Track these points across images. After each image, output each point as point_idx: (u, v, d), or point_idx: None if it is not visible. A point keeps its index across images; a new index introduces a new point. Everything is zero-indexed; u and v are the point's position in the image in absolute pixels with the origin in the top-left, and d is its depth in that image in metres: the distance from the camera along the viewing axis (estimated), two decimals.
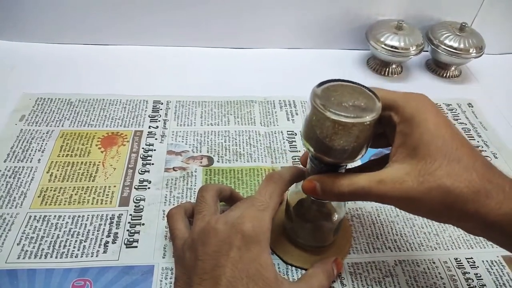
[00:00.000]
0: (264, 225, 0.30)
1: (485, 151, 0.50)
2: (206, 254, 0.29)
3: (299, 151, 0.48)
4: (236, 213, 0.31)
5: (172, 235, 0.35)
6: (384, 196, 0.28)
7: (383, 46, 0.58)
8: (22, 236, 0.37)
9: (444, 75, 0.63)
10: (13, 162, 0.43)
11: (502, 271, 0.38)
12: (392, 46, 0.58)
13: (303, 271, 0.36)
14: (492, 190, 0.26)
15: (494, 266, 0.38)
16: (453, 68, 0.63)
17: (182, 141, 0.48)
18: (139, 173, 0.44)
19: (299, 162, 0.46)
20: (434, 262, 0.38)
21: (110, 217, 0.39)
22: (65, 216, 0.39)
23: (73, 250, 0.36)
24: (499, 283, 0.37)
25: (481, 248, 0.39)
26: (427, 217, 0.30)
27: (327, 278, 0.33)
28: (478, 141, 0.52)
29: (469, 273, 0.37)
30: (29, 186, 0.41)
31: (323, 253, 0.37)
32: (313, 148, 0.30)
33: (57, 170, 0.43)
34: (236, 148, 0.47)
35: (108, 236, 0.38)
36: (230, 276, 0.27)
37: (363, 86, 0.30)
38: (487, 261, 0.38)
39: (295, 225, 0.37)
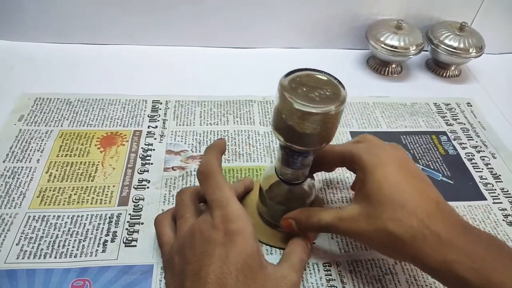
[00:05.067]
0: (240, 214, 0.30)
1: (484, 151, 0.50)
2: (194, 257, 0.29)
3: None
4: (216, 211, 0.31)
5: (159, 241, 0.35)
6: (343, 232, 0.34)
7: (383, 45, 0.58)
8: (21, 236, 0.37)
9: (444, 74, 0.63)
10: (12, 162, 0.43)
11: None
12: (392, 46, 0.58)
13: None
14: (428, 236, 0.29)
15: None
16: (453, 67, 0.62)
17: (181, 141, 0.48)
18: (138, 173, 0.43)
19: None
20: None
21: (109, 217, 0.39)
22: (64, 216, 0.39)
23: (72, 250, 0.36)
24: None
25: None
26: (382, 253, 0.34)
27: (304, 252, 0.35)
28: (476, 141, 0.52)
29: None
30: (28, 186, 0.41)
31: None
32: (282, 137, 0.31)
33: (56, 170, 0.43)
34: (235, 148, 0.47)
35: (107, 235, 0.38)
36: (219, 273, 0.28)
37: (329, 74, 0.32)
38: None
39: (268, 208, 0.38)
